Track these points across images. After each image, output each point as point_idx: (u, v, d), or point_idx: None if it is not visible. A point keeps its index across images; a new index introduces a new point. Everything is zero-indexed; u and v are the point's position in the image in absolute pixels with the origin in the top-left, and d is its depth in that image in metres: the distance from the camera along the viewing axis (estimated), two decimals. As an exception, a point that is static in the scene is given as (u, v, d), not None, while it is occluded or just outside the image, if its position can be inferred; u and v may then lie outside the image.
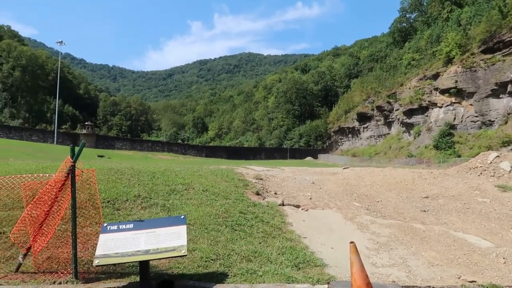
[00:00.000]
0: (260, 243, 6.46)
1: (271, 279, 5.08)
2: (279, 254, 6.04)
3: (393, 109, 69.82)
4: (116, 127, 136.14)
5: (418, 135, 61.05)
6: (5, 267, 5.22)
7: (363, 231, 8.02)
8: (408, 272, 5.97)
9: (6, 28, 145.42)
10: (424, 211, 10.18)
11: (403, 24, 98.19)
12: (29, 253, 5.24)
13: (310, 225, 8.06)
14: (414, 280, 5.67)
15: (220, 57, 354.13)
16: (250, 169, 14.92)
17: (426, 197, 11.54)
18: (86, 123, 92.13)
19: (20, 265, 5.14)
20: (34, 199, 5.34)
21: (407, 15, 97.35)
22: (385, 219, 9.11)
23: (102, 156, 48.40)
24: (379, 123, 75.20)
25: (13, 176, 6.84)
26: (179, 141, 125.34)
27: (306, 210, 9.18)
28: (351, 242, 4.32)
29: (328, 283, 5.11)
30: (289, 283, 5.01)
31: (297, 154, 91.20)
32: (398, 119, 67.92)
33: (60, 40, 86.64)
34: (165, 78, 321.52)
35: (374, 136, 76.94)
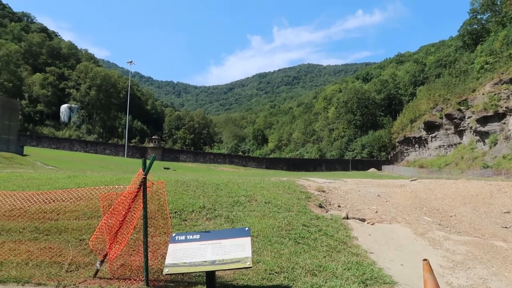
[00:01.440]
0: (324, 257, 6.30)
1: (337, 295, 4.92)
2: (344, 269, 5.84)
3: (464, 117, 65.28)
4: (181, 140, 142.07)
5: (494, 144, 56.35)
6: (84, 272, 5.61)
7: (435, 247, 7.51)
8: (490, 294, 5.47)
9: (83, 52, 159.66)
10: (506, 227, 9.31)
11: (474, 26, 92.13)
12: (105, 260, 5.59)
13: (377, 240, 7.72)
14: (497, 303, 5.18)
15: (279, 70, 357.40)
16: (312, 181, 14.72)
17: (508, 212, 10.55)
18: (153, 137, 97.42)
19: (97, 271, 5.49)
20: (110, 209, 5.71)
21: (478, 16, 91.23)
22: (461, 236, 8.47)
23: (168, 168, 50.76)
24: (448, 132, 70.66)
25: (91, 187, 7.40)
26: (240, 153, 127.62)
27: (372, 224, 8.82)
28: (425, 260, 4.07)
29: (398, 302, 4.84)
30: (356, 300, 4.83)
31: (359, 165, 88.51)
32: (471, 127, 63.30)
33: (130, 60, 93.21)
34: (226, 92, 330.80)
35: (444, 146, 72.36)
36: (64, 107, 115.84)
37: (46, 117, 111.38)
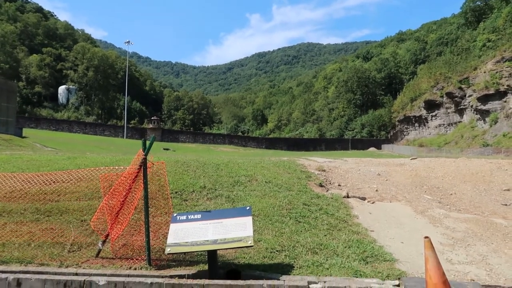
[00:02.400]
0: (325, 235, 6.33)
1: (338, 272, 4.96)
2: (345, 247, 5.88)
3: (465, 95, 64.91)
4: (180, 121, 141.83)
5: (495, 123, 56.22)
6: (86, 252, 5.64)
7: (435, 225, 7.55)
8: (489, 271, 5.50)
9: (80, 32, 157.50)
10: (506, 205, 9.34)
11: (477, 2, 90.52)
12: (107, 240, 5.61)
13: (377, 218, 7.75)
14: (496, 279, 5.22)
15: (279, 49, 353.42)
16: (312, 161, 14.71)
17: (508, 189, 10.58)
18: (152, 118, 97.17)
19: (99, 251, 5.52)
20: (111, 190, 5.70)
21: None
22: (461, 213, 8.50)
23: (167, 149, 50.77)
24: (449, 110, 70.42)
25: (92, 168, 7.37)
26: (239, 133, 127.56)
27: (373, 203, 8.85)
28: (426, 237, 4.06)
29: (399, 278, 4.87)
30: (357, 277, 4.86)
31: (359, 145, 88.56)
32: (471, 106, 63.05)
33: (127, 40, 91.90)
34: (225, 72, 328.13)
35: (444, 124, 72.24)
36: (62, 89, 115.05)
37: (44, 98, 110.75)
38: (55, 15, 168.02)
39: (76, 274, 4.87)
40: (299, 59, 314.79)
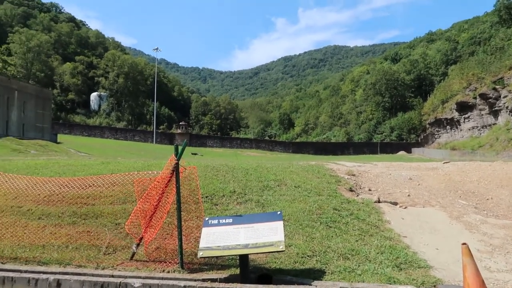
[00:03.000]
0: (356, 241, 6.24)
1: (371, 279, 4.88)
2: (378, 253, 5.77)
3: (500, 96, 62.47)
4: (207, 126, 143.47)
5: (532, 125, 53.83)
6: (121, 255, 5.80)
7: (472, 231, 7.29)
8: (531, 280, 5.27)
9: (111, 40, 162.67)
10: (547, 210, 8.91)
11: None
12: (141, 243, 5.74)
13: (410, 223, 7.57)
14: (540, 289, 4.99)
15: (305, 52, 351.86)
16: (341, 165, 14.54)
17: (548, 194, 10.10)
18: (180, 123, 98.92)
19: (134, 254, 5.66)
20: (144, 194, 5.84)
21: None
22: (499, 219, 8.18)
23: (195, 154, 51.49)
24: (483, 112, 67.92)
25: (125, 174, 7.58)
26: (266, 137, 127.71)
27: (405, 208, 8.65)
28: (464, 244, 3.94)
29: (434, 286, 4.75)
30: (390, 284, 4.76)
31: (388, 148, 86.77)
32: (507, 107, 60.58)
33: (156, 48, 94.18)
34: (251, 76, 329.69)
35: (477, 127, 69.70)
36: (94, 95, 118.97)
37: (77, 105, 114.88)
38: (87, 24, 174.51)
39: (112, 276, 5.01)
40: (325, 62, 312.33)
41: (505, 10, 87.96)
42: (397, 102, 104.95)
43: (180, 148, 5.54)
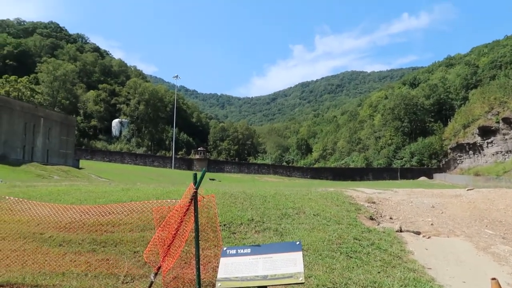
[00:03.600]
0: (378, 272, 6.05)
1: (395, 314, 4.69)
2: (401, 285, 5.57)
3: (524, 121, 61.01)
4: (225, 151, 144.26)
5: (560, 150, 52.04)
6: (139, 284, 5.77)
7: (501, 263, 6.98)
8: None
9: (133, 69, 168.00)
10: None
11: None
12: (159, 272, 5.71)
13: (435, 254, 7.31)
14: None
15: (322, 78, 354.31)
16: (360, 192, 14.30)
17: None
18: (199, 148, 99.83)
19: (152, 283, 5.61)
20: (163, 223, 5.85)
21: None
22: (528, 251, 7.82)
23: (213, 180, 51.63)
24: (506, 137, 66.22)
25: (144, 202, 7.65)
26: (284, 163, 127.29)
27: (428, 238, 8.37)
28: (493, 278, 3.78)
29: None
30: (416, 320, 4.57)
31: (408, 174, 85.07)
32: (532, 131, 58.99)
33: (176, 75, 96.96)
34: (268, 102, 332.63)
35: (502, 152, 67.81)
36: (115, 122, 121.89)
37: (99, 131, 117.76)
38: (111, 54, 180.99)
39: (130, 306, 4.97)
40: (343, 88, 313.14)
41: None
42: (416, 127, 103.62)
43: (199, 175, 5.57)
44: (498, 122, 67.43)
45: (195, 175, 5.60)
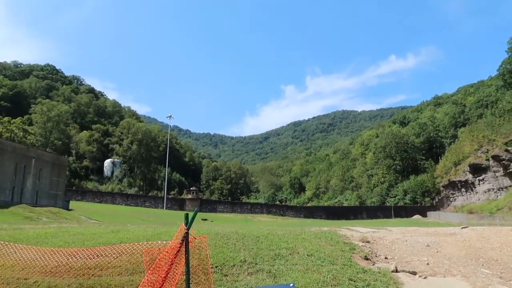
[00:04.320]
0: (375, 315, 5.87)
1: None
2: (399, 329, 5.38)
3: (513, 158, 61.85)
4: (218, 190, 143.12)
5: (551, 186, 52.45)
6: (127, 331, 5.51)
7: (499, 304, 6.83)
8: None
9: (126, 109, 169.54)
10: None
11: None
12: (147, 318, 5.46)
13: (432, 295, 7.14)
14: None
15: (314, 117, 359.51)
16: (354, 231, 14.13)
17: None
18: (191, 188, 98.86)
19: (140, 330, 5.36)
20: (153, 265, 5.67)
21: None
22: (526, 290, 7.68)
23: (205, 220, 50.79)
24: (497, 174, 66.82)
25: (134, 244, 7.47)
26: (277, 202, 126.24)
27: (425, 278, 8.21)
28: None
29: None
30: None
31: (402, 212, 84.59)
32: (522, 168, 59.68)
33: (169, 115, 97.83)
34: (261, 141, 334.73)
35: (493, 189, 68.13)
36: (107, 162, 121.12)
37: (90, 172, 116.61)
38: (105, 95, 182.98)
39: None
40: (334, 127, 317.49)
41: (509, 74, 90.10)
42: (408, 164, 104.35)
43: (190, 215, 5.49)
44: (488, 160, 68.26)
45: (186, 215, 5.52)
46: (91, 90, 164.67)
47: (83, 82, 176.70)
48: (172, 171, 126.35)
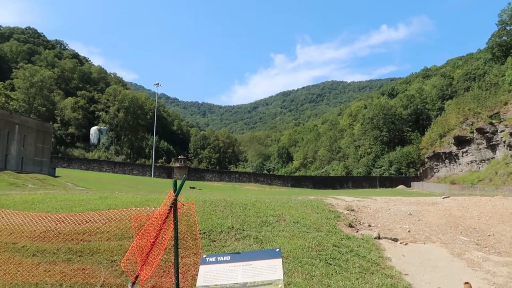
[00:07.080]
0: (357, 279, 6.12)
1: (373, 320, 4.74)
2: (379, 292, 5.64)
3: (497, 131, 63.07)
4: (206, 159, 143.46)
5: (531, 159, 53.96)
6: (116, 293, 5.65)
7: (474, 269, 7.16)
8: (538, 321, 5.12)
9: (112, 76, 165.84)
10: (550, 247, 8.78)
11: (503, 37, 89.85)
12: (136, 281, 5.60)
13: (411, 260, 7.44)
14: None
15: (303, 87, 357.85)
16: (340, 200, 14.45)
17: (550, 230, 9.98)
18: (179, 157, 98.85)
19: (129, 292, 5.51)
20: (142, 231, 5.76)
21: (508, 28, 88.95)
22: (501, 256, 8.05)
23: (193, 188, 51.16)
24: (480, 146, 68.29)
25: (122, 209, 7.52)
26: (265, 171, 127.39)
27: (406, 244, 8.52)
28: (466, 283, 3.88)
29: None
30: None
31: (387, 182, 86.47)
32: (504, 141, 61.00)
33: (156, 83, 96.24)
34: (250, 111, 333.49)
35: (476, 161, 69.82)
36: (93, 129, 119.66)
37: (76, 139, 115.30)
38: (90, 60, 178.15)
39: (106, 317, 4.86)
40: (323, 97, 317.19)
41: (497, 48, 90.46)
42: (395, 136, 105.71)
43: (179, 183, 5.53)
44: (472, 132, 69.50)
45: (175, 182, 5.56)
46: (75, 55, 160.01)
47: (66, 47, 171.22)
48: (160, 139, 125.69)
